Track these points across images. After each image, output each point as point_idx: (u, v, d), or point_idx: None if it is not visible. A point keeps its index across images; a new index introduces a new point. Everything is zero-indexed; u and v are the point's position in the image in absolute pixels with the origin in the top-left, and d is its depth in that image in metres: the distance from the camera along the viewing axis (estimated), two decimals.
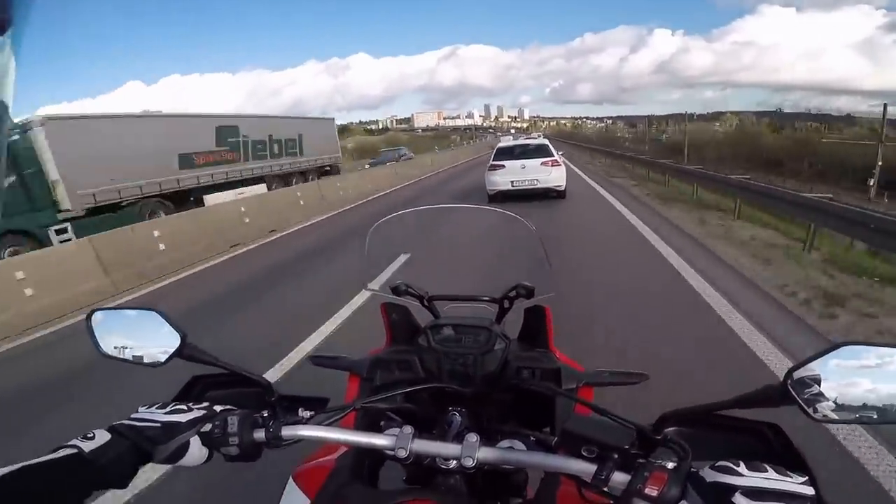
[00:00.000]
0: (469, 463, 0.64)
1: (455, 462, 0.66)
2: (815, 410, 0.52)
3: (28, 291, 5.44)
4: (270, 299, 5.27)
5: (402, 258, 1.74)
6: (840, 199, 7.83)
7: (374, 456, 0.78)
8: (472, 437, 0.65)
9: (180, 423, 0.67)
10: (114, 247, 6.66)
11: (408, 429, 0.68)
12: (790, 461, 0.56)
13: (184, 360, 0.73)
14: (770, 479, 0.49)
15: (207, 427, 0.68)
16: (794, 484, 0.49)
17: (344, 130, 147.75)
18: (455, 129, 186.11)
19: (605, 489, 0.56)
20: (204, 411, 0.70)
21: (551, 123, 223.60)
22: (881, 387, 0.51)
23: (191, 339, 0.73)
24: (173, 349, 0.72)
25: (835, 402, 0.52)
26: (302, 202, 11.82)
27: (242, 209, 9.59)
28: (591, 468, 0.57)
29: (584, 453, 0.59)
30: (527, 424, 0.78)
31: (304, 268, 6.47)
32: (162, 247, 7.37)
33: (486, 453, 0.64)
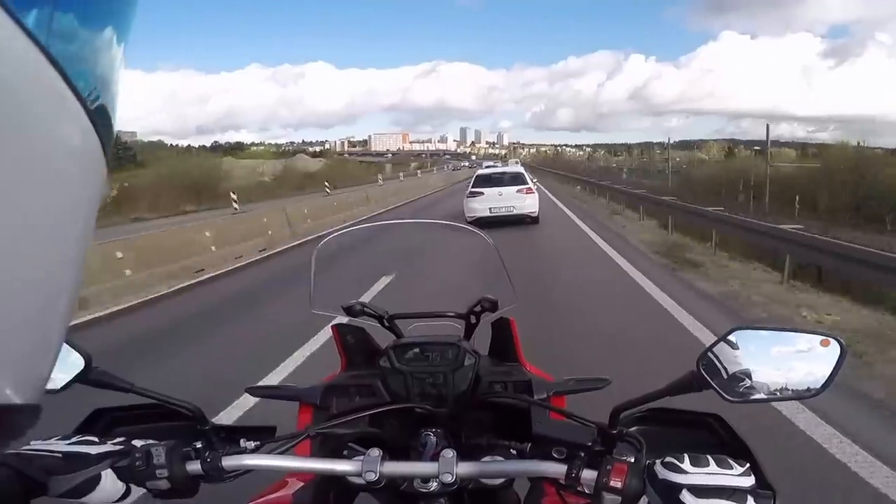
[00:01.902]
0: (448, 479, 0.61)
1: (435, 483, 0.63)
2: (729, 392, 0.56)
3: None
4: None
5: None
6: None
7: (341, 486, 0.72)
8: (449, 453, 0.63)
9: (88, 454, 0.58)
10: None
11: (375, 451, 0.64)
12: (734, 448, 0.60)
13: (91, 390, 0.63)
14: (712, 473, 0.53)
15: (125, 461, 0.59)
16: (734, 477, 0.53)
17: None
18: (420, 155, 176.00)
19: (579, 488, 0.58)
20: (120, 446, 0.61)
21: (531, 151, 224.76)
22: (779, 366, 0.56)
23: (97, 363, 0.64)
24: (74, 374, 0.63)
25: (745, 383, 0.56)
26: None
27: None
28: (562, 468, 0.59)
29: (554, 455, 0.62)
30: (505, 439, 0.75)
31: None
32: None
33: (465, 468, 0.62)
